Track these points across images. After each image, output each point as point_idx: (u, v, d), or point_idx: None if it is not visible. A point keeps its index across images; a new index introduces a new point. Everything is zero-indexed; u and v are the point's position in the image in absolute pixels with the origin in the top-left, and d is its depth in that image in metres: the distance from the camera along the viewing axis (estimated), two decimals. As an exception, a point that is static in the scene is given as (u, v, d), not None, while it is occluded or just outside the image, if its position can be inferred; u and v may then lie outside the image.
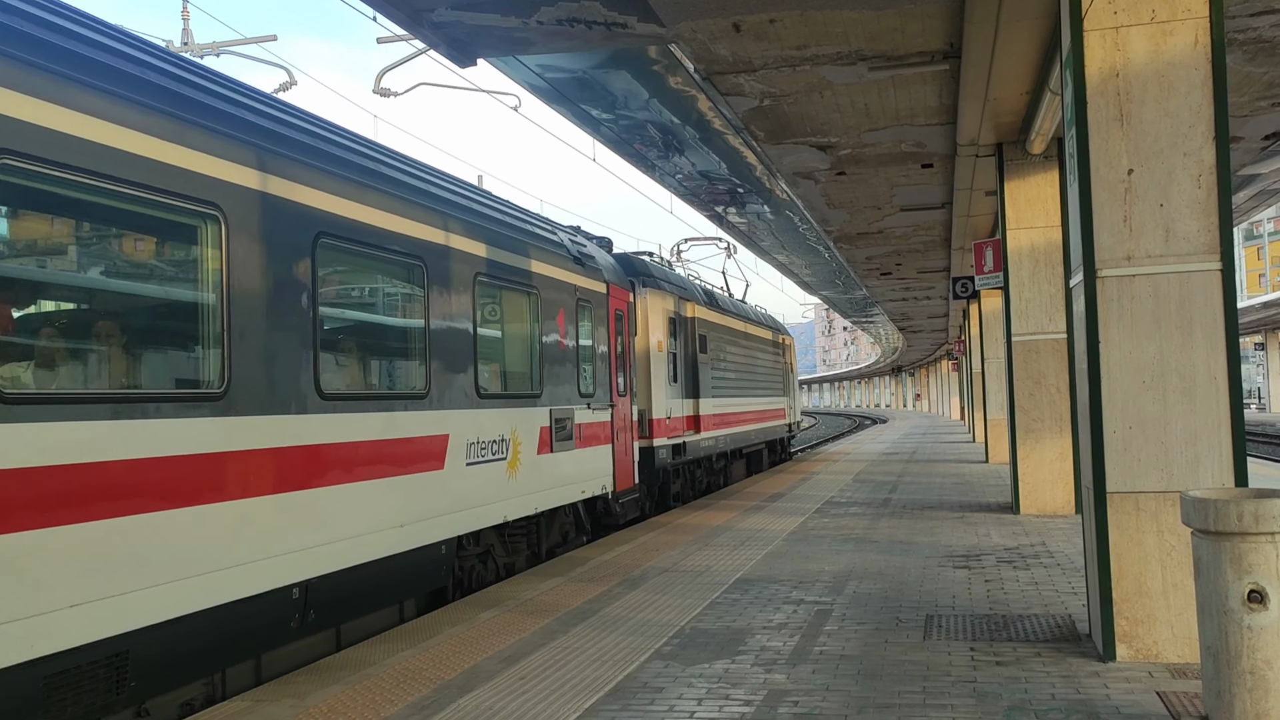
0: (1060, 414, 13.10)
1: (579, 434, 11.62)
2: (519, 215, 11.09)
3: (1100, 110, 6.15)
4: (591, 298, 12.48)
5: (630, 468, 13.63)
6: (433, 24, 9.98)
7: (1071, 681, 5.76)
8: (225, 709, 5.78)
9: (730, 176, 18.12)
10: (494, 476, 9.43)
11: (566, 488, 11.30)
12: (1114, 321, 6.16)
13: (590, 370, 12.24)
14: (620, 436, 13.17)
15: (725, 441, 20.14)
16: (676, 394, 16.76)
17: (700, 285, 20.57)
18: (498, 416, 9.58)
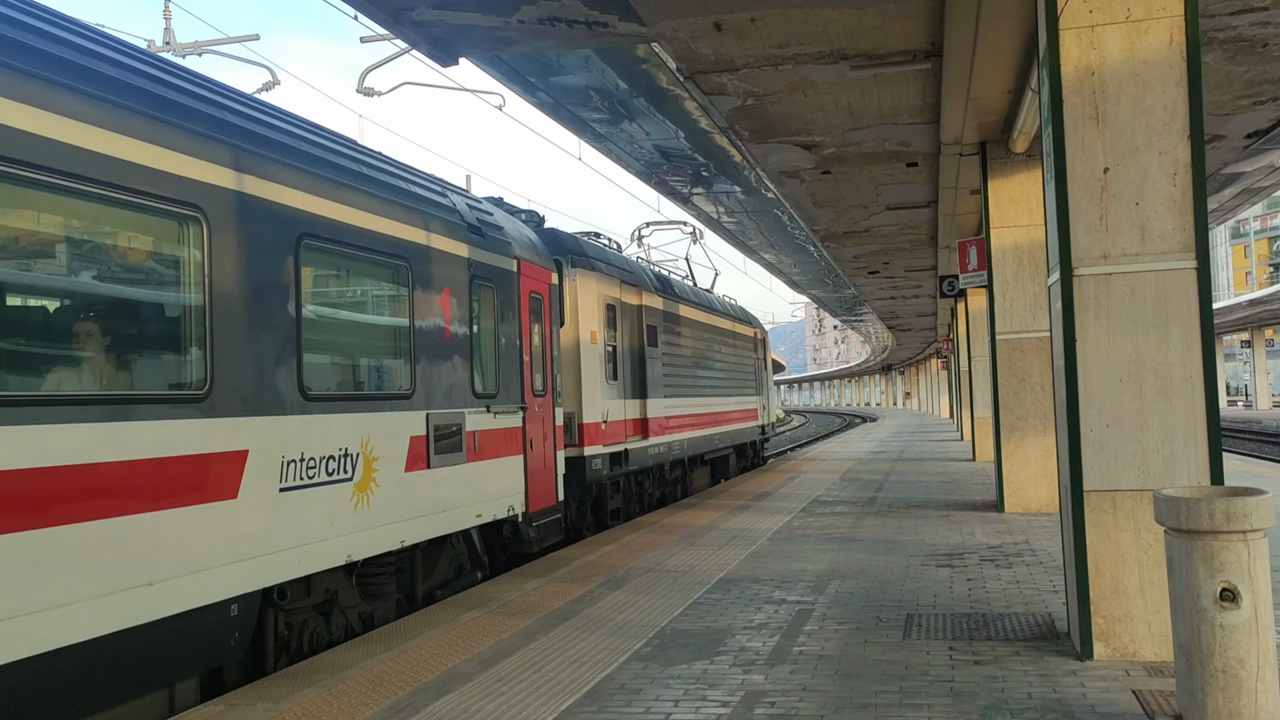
0: (1044, 412, 13.13)
1: (473, 444, 9.29)
2: (385, 165, 8.74)
3: (1076, 109, 6.15)
4: (494, 276, 10.06)
5: (551, 483, 11.34)
6: (414, 23, 9.94)
7: (1048, 680, 5.77)
8: (199, 713, 5.74)
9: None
10: (332, 504, 7.13)
11: (453, 512, 8.96)
12: (1091, 320, 6.16)
13: (492, 365, 9.92)
14: (537, 445, 10.92)
15: (682, 447, 17.76)
16: (616, 394, 14.35)
17: (652, 270, 18.17)
18: (337, 425, 7.26)
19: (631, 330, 15.42)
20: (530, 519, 10.62)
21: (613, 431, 14.04)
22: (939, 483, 18.15)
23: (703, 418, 19.30)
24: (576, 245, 14.11)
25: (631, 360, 15.34)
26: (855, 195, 17.85)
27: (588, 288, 13.69)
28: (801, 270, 32.59)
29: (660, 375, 16.56)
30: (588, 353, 13.45)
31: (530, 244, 11.50)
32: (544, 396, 11.26)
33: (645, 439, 15.49)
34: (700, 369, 19.54)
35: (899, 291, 34.53)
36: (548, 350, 11.56)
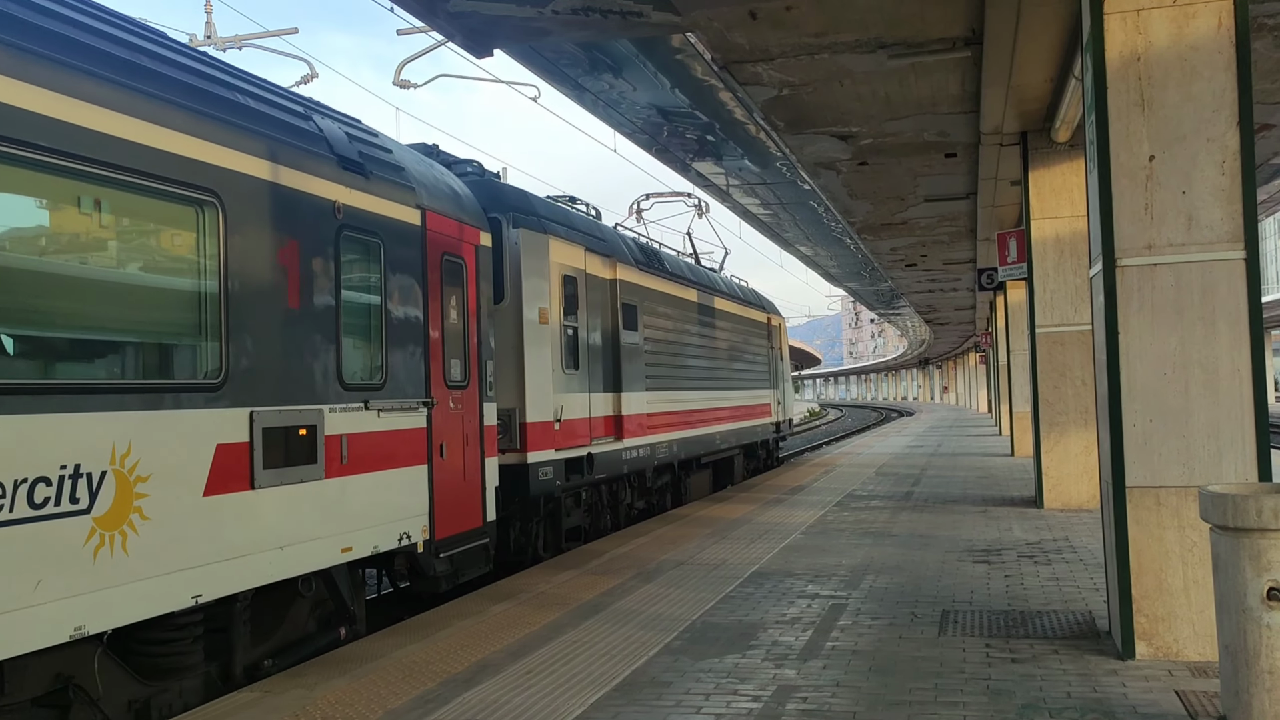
0: (1085, 407, 12.90)
1: (338, 453, 6.92)
2: (194, 63, 6.34)
3: (1121, 95, 6.00)
4: (382, 229, 7.64)
5: (475, 499, 8.94)
6: (449, 15, 9.90)
7: (1088, 680, 5.64)
8: (235, 699, 5.77)
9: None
10: (38, 552, 4.79)
11: (299, 549, 6.54)
12: (1134, 312, 6.02)
13: (374, 347, 7.60)
14: (453, 452, 8.53)
15: (670, 449, 14.95)
16: (578, 386, 11.62)
17: (634, 240, 15.18)
18: (51, 431, 4.91)
19: (602, 309, 12.60)
20: (438, 547, 8.19)
21: (571, 432, 11.27)
22: (976, 478, 17.93)
23: (700, 414, 16.59)
24: (524, 202, 11.16)
25: (601, 346, 12.53)
26: (892, 187, 17.65)
27: (537, 254, 10.81)
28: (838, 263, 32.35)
29: (641, 364, 13.80)
30: (535, 335, 10.60)
31: (449, 194, 9.00)
32: (465, 389, 8.83)
33: (619, 440, 12.76)
34: (697, 358, 16.84)
35: (937, 284, 34.16)
36: (472, 330, 9.04)
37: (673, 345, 15.50)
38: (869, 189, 17.72)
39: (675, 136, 14.87)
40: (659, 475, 15.14)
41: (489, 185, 11.03)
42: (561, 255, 11.46)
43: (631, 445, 13.28)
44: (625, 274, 13.50)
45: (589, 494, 12.41)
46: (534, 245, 10.85)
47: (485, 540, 9.08)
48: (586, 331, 12.07)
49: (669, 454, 14.92)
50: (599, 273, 12.68)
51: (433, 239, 8.48)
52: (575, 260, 11.90)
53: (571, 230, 12.03)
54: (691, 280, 16.95)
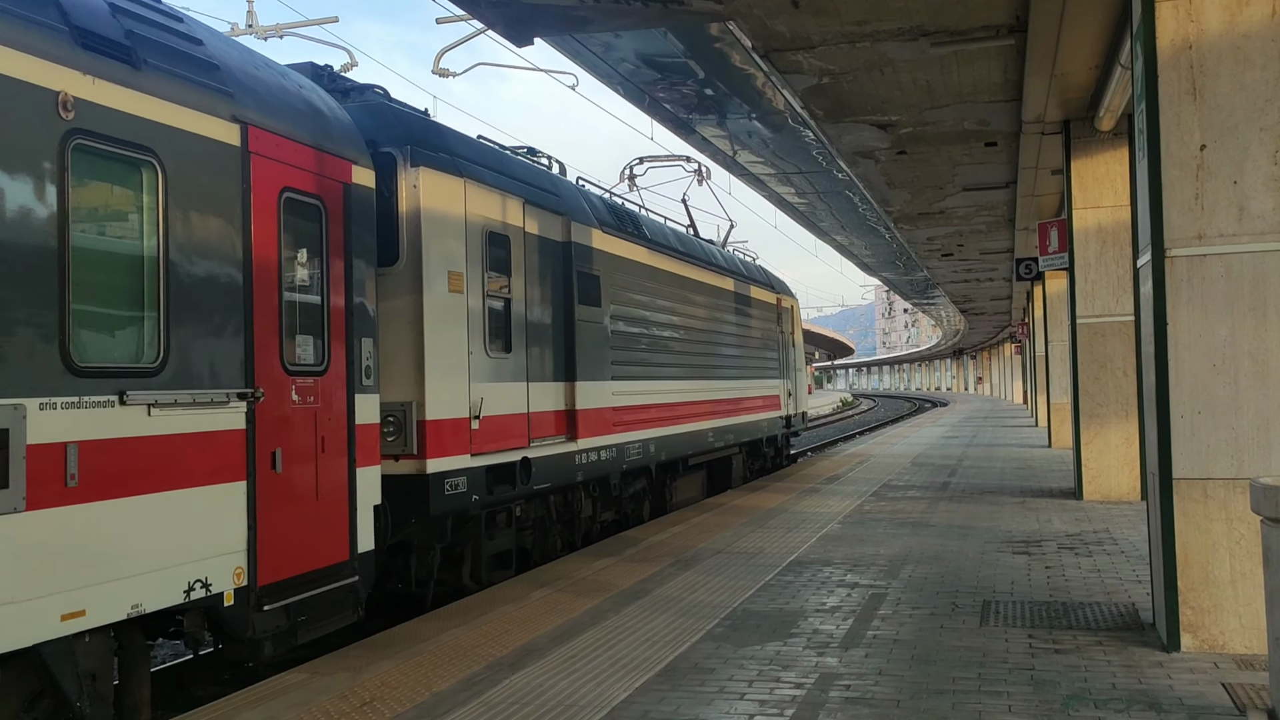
0: (1127, 398, 12.78)
1: (63, 470, 4.82)
2: None
3: (1172, 84, 5.94)
4: (161, 143, 5.51)
5: (337, 524, 6.74)
6: (490, 3, 9.96)
7: (1133, 671, 5.63)
8: (284, 680, 5.88)
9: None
10: None
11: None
12: (1183, 303, 5.97)
13: (148, 313, 5.46)
14: (295, 462, 6.34)
15: (647, 450, 12.52)
16: (509, 373, 9.24)
17: (601, 199, 12.55)
18: None
19: (550, 279, 10.21)
20: (264, 596, 5.96)
21: (498, 431, 8.95)
22: (1014, 469, 17.83)
23: (688, 408, 14.14)
24: (430, 134, 8.78)
25: (549, 324, 10.12)
26: (931, 176, 17.53)
27: (448, 203, 8.45)
28: (873, 252, 32.17)
29: (606, 348, 11.36)
30: (442, 308, 8.29)
31: (301, 110, 6.77)
32: (323, 375, 6.68)
33: (573, 440, 10.35)
34: (686, 342, 14.32)
35: (973, 274, 33.89)
36: (336, 297, 6.87)
37: (652, 326, 13.01)
38: (907, 178, 17.62)
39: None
40: (631, 481, 12.50)
41: (381, 111, 8.50)
42: (487, 207, 9.00)
43: (590, 446, 10.72)
44: (586, 237, 11.01)
45: (529, 509, 9.83)
46: (444, 191, 8.36)
47: (352, 580, 6.75)
48: (525, 306, 9.58)
49: (644, 455, 12.42)
50: (547, 233, 10.18)
51: (263, 168, 6.19)
52: (509, 215, 9.40)
53: (504, 177, 9.49)
54: (680, 251, 14.40)
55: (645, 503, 13.28)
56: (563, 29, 10.68)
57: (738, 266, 17.90)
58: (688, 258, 14.70)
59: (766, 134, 15.10)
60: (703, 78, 12.51)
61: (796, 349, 21.75)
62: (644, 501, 13.26)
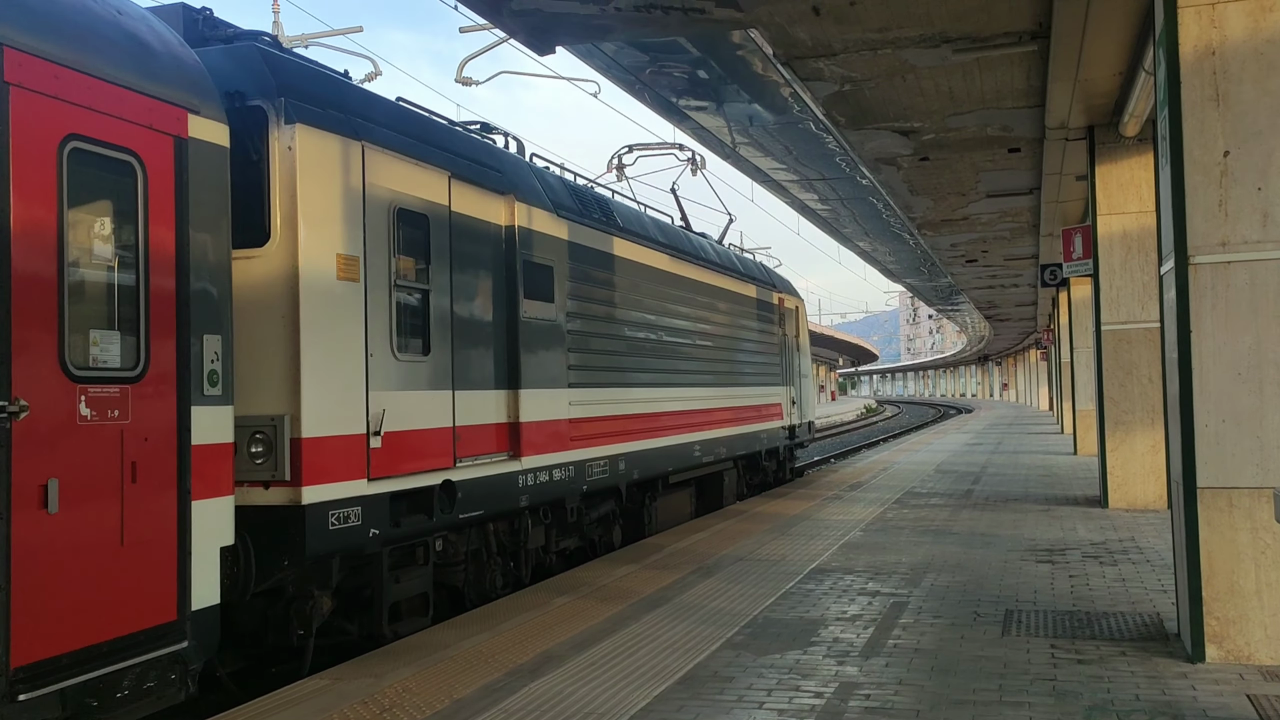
0: (1152, 406, 12.68)
1: None
2: None
3: (1195, 90, 5.90)
4: None
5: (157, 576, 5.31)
6: (512, 12, 10.03)
7: (1157, 682, 5.58)
8: (305, 686, 5.92)
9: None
10: None
11: None
12: (1207, 310, 5.92)
13: None
14: (81, 496, 4.90)
15: (615, 467, 10.84)
16: (426, 378, 7.70)
17: (562, 180, 10.85)
18: None
19: (486, 268, 8.61)
20: (21, 681, 4.53)
21: (409, 450, 7.38)
22: (1038, 476, 17.70)
23: (669, 419, 12.51)
24: (320, 86, 7.07)
25: (485, 322, 8.56)
26: (954, 182, 17.47)
27: (338, 170, 6.87)
28: (896, 259, 32.07)
29: (561, 351, 9.78)
30: (324, 298, 6.66)
31: (113, 39, 5.39)
32: (137, 382, 5.25)
33: (517, 458, 8.82)
34: (666, 344, 12.62)
35: (997, 280, 33.71)
36: (161, 280, 5.44)
37: (623, 326, 11.30)
38: (930, 184, 17.56)
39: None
40: (595, 503, 10.80)
41: (250, 57, 6.75)
42: (397, 179, 7.44)
43: (539, 465, 9.15)
44: (537, 221, 9.41)
45: (458, 541, 8.22)
46: (331, 156, 6.78)
47: (178, 646, 5.34)
48: (451, 299, 7.99)
49: (611, 473, 10.75)
50: (484, 215, 8.60)
51: (31, 106, 4.76)
52: (429, 190, 7.82)
53: (423, 145, 7.87)
54: (661, 244, 12.73)
55: (615, 527, 11.40)
56: (584, 37, 10.74)
57: (733, 263, 16.09)
58: (671, 251, 13.06)
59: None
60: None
61: (802, 353, 19.94)
62: (613, 526, 11.36)
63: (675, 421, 12.72)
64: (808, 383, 20.11)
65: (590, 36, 10.63)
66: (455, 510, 7.87)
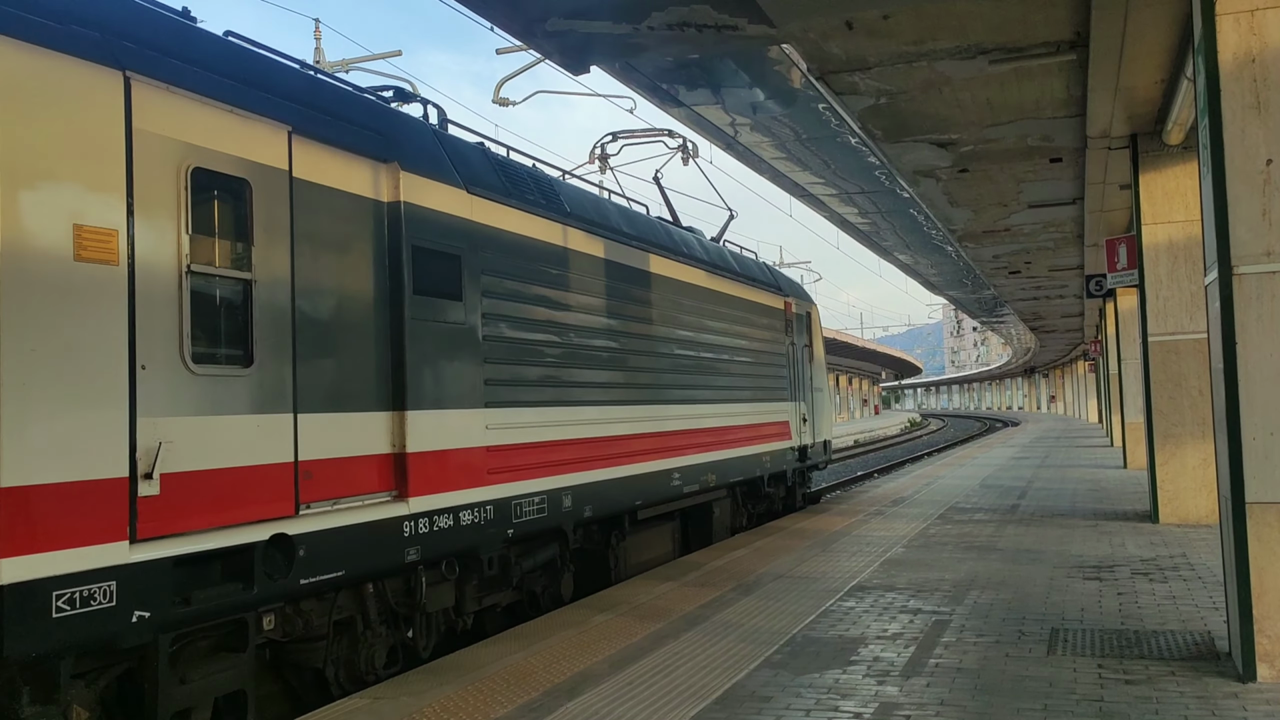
0: (1203, 418, 12.42)
1: None
2: None
3: (1235, 98, 5.80)
4: None
5: None
6: (546, 33, 10.11)
7: (1207, 703, 5.45)
8: (345, 705, 5.96)
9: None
10: None
11: None
12: (1252, 321, 5.80)
13: None
14: None
15: (555, 504, 8.78)
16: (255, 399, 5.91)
17: (484, 150, 8.80)
18: None
19: (353, 254, 6.78)
20: None
21: (218, 495, 5.62)
22: (1086, 490, 17.41)
23: (636, 442, 10.40)
24: None
25: (353, 324, 6.73)
26: (994, 193, 17.31)
27: (69, 105, 5.05)
28: (938, 271, 31.81)
29: (475, 361, 7.83)
30: (36, 285, 4.84)
31: None
32: None
33: (403, 499, 6.88)
34: (633, 354, 10.53)
35: (1042, 292, 33.30)
36: None
37: (569, 332, 9.25)
38: (970, 196, 17.41)
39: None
40: (531, 550, 8.84)
41: None
42: (192, 128, 5.68)
43: (437, 506, 7.18)
44: (433, 198, 7.47)
45: (311, 614, 6.42)
46: (60, 86, 4.99)
47: None
48: (292, 293, 6.15)
49: (552, 512, 8.71)
50: (346, 184, 6.73)
51: None
52: (251, 147, 6.02)
53: (239, 86, 6.02)
54: (627, 235, 10.72)
55: (565, 576, 9.42)
56: (618, 56, 10.80)
57: (727, 262, 13.93)
58: (643, 245, 11.00)
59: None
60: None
61: (815, 364, 17.62)
62: (560, 575, 9.38)
63: (645, 446, 10.62)
64: (822, 397, 17.96)
65: (624, 55, 10.69)
66: (294, 573, 5.93)
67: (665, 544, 11.87)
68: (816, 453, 17.28)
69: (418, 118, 8.22)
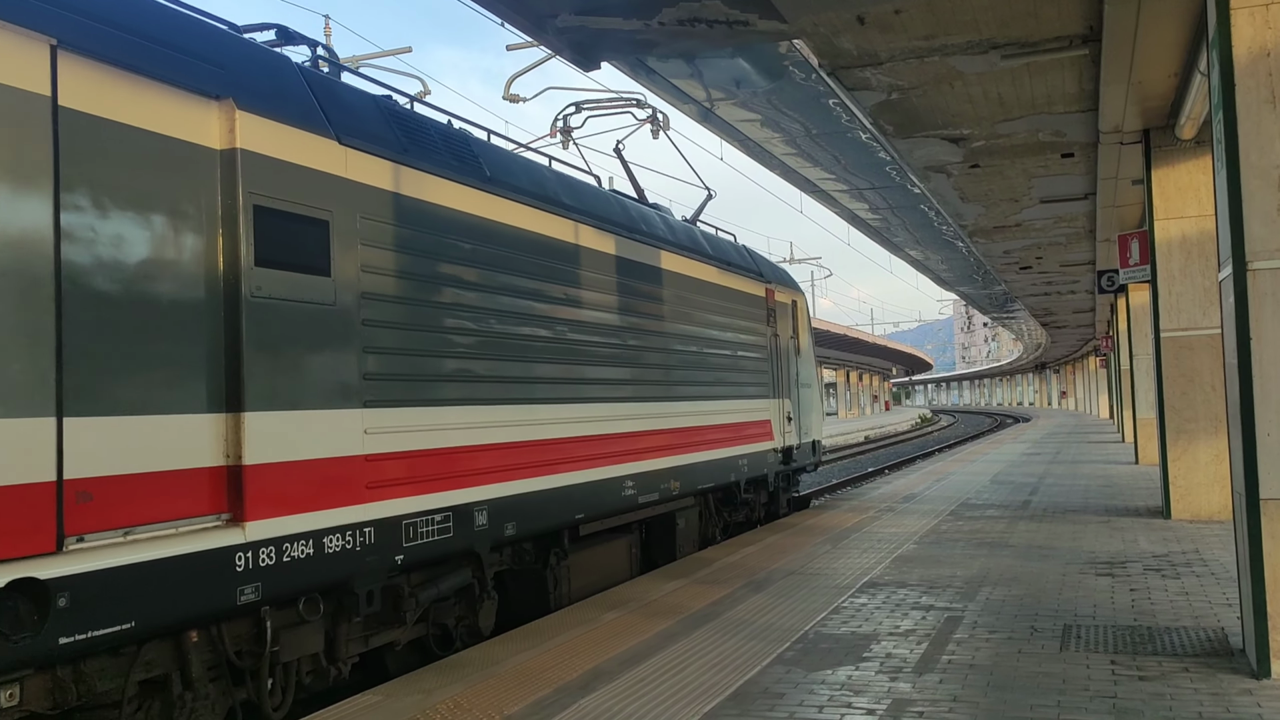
0: (1216, 414, 12.37)
1: None
2: None
3: (1250, 92, 5.77)
4: None
5: None
6: (557, 30, 10.10)
7: (1221, 700, 5.43)
8: (357, 703, 5.98)
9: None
10: None
11: None
12: (1268, 317, 5.77)
13: None
14: None
15: (464, 523, 7.36)
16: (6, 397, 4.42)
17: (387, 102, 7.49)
18: None
19: (153, 209, 5.25)
20: None
21: None
22: (1098, 487, 17.35)
23: (574, 446, 8.94)
24: None
25: (161, 299, 5.25)
26: (1006, 189, 17.24)
27: None
28: (949, 267, 31.72)
29: (350, 349, 6.41)
30: None
31: None
32: None
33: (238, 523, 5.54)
34: (571, 344, 9.03)
35: (1053, 287, 33.18)
36: None
37: (486, 317, 7.77)
38: (981, 191, 17.35)
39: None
40: (432, 579, 7.32)
41: None
42: None
43: (286, 532, 5.81)
44: (287, 147, 6.05)
45: (93, 679, 5.01)
46: None
47: None
48: (56, 256, 4.77)
49: (460, 531, 7.24)
50: (153, 123, 5.31)
51: None
52: None
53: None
54: (566, 207, 9.25)
55: (483, 605, 7.91)
56: (628, 52, 10.79)
57: (698, 243, 12.48)
58: (586, 219, 9.54)
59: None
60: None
61: (802, 358, 16.05)
62: (479, 604, 7.88)
63: (590, 450, 9.22)
64: (810, 394, 16.38)
65: (634, 51, 10.68)
66: (49, 631, 4.51)
67: (620, 561, 10.47)
68: (803, 454, 15.78)
69: (277, 51, 6.68)
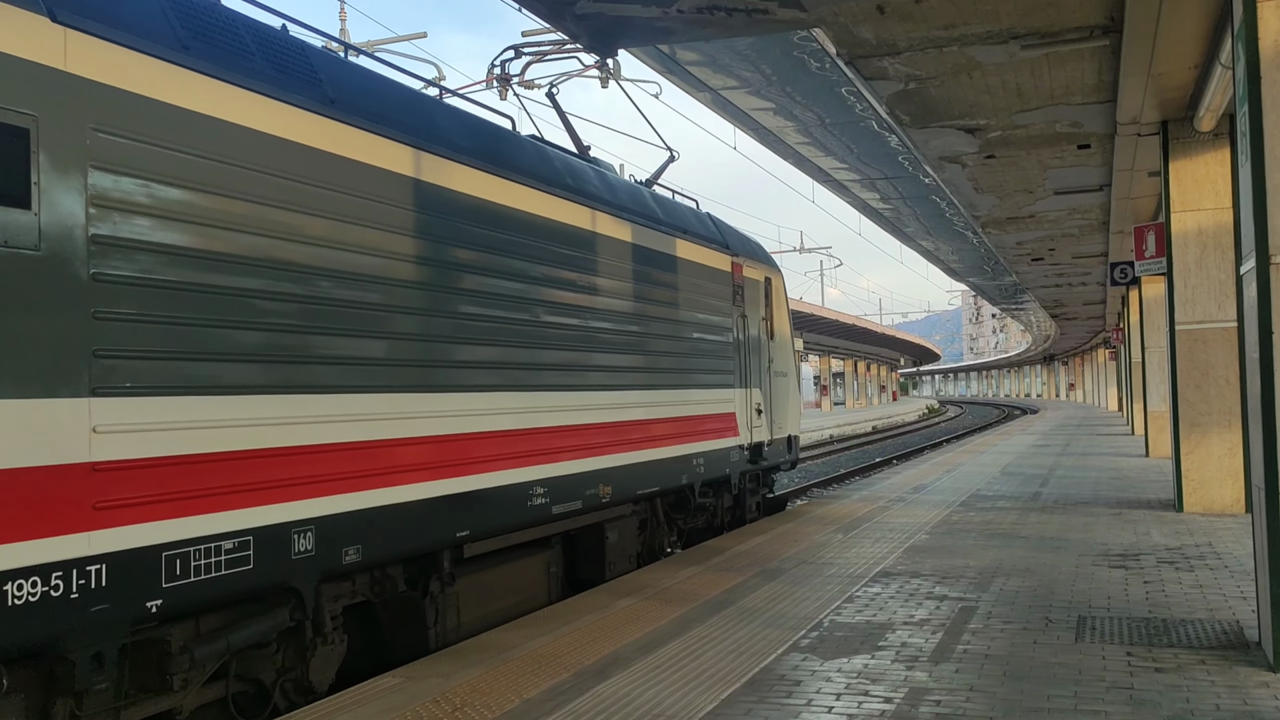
0: (1230, 407, 12.34)
1: None
2: None
3: (1275, 85, 5.74)
4: None
5: None
6: (575, 16, 10.08)
7: (1238, 692, 5.44)
8: (377, 684, 6.02)
9: None
10: None
11: None
12: (1290, 311, 5.75)
13: None
14: None
15: (272, 547, 5.50)
16: None
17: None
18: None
19: None
20: None
21: None
22: (1109, 479, 17.33)
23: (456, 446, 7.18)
24: None
25: None
26: (1020, 180, 17.19)
27: None
28: (959, 257, 31.67)
29: (70, 314, 4.51)
30: None
31: None
32: None
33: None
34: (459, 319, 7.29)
35: (1064, 279, 33.09)
36: None
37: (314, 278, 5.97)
38: (995, 182, 17.30)
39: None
40: (223, 628, 5.54)
41: None
42: None
43: None
44: (27, 43, 4.42)
45: None
46: None
47: None
48: None
49: (268, 560, 5.53)
50: None
51: None
52: None
53: None
54: (457, 149, 7.48)
55: (314, 654, 6.18)
56: (646, 40, 10.77)
57: (646, 206, 10.73)
58: (484, 166, 7.75)
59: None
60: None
61: (777, 343, 14.09)
62: (307, 656, 6.15)
63: (481, 450, 7.45)
64: (785, 383, 14.40)
65: (653, 39, 10.67)
66: None
67: (533, 584, 8.71)
68: (776, 451, 13.78)
69: None
